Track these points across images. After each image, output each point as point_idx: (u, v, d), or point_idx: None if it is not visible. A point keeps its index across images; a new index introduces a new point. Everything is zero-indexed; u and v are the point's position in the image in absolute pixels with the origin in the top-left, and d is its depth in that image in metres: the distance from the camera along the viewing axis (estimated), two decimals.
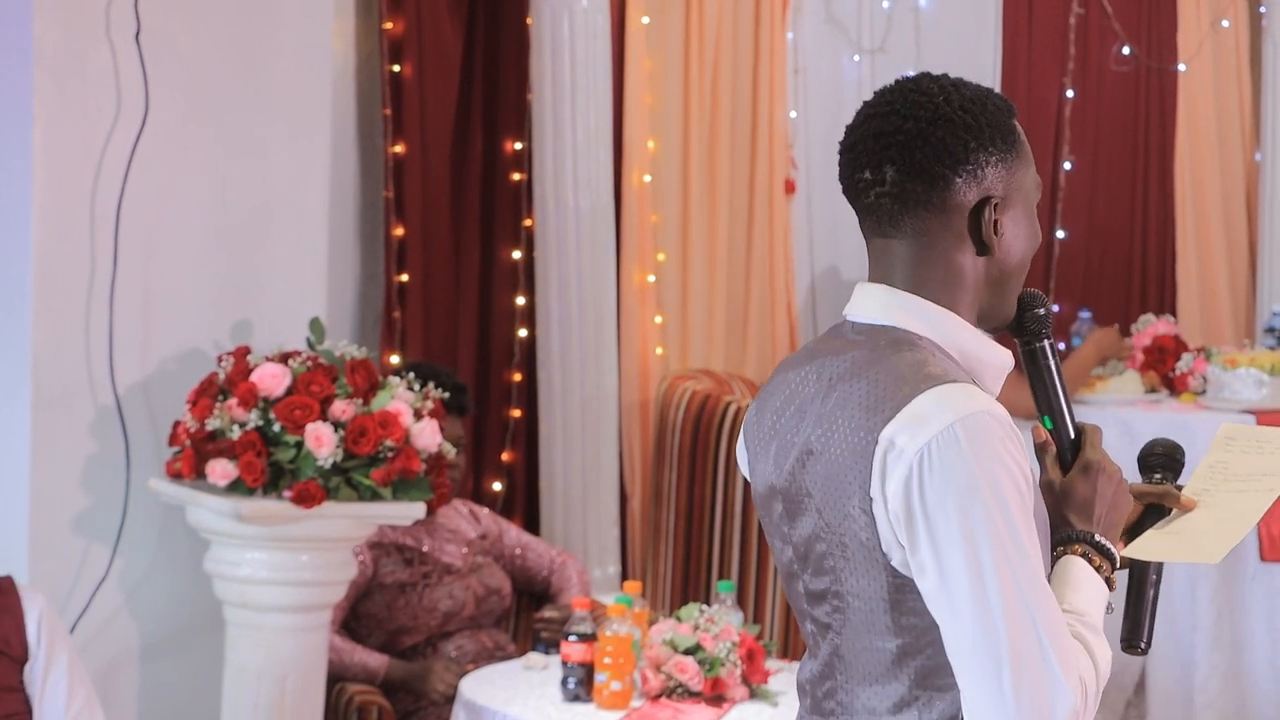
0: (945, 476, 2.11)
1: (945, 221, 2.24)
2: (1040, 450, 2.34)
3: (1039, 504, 2.24)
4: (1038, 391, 2.35)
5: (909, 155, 2.23)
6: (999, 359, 2.29)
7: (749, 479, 2.39)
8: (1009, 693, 2.08)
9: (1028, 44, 7.37)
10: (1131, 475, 2.45)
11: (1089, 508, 2.29)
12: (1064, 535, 2.28)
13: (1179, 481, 2.45)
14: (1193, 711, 5.81)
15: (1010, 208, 2.26)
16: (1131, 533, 2.38)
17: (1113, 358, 6.31)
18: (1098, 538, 2.27)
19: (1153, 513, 2.41)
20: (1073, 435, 2.33)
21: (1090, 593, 2.23)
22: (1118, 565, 2.29)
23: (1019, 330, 2.34)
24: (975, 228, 2.24)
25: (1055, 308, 5.72)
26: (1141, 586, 2.37)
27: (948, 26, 7.26)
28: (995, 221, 2.25)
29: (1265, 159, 7.47)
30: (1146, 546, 2.36)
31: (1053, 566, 2.28)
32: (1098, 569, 2.26)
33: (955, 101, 2.24)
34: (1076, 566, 2.25)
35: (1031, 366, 2.35)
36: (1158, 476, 2.45)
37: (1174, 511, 2.40)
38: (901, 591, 2.17)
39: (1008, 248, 2.27)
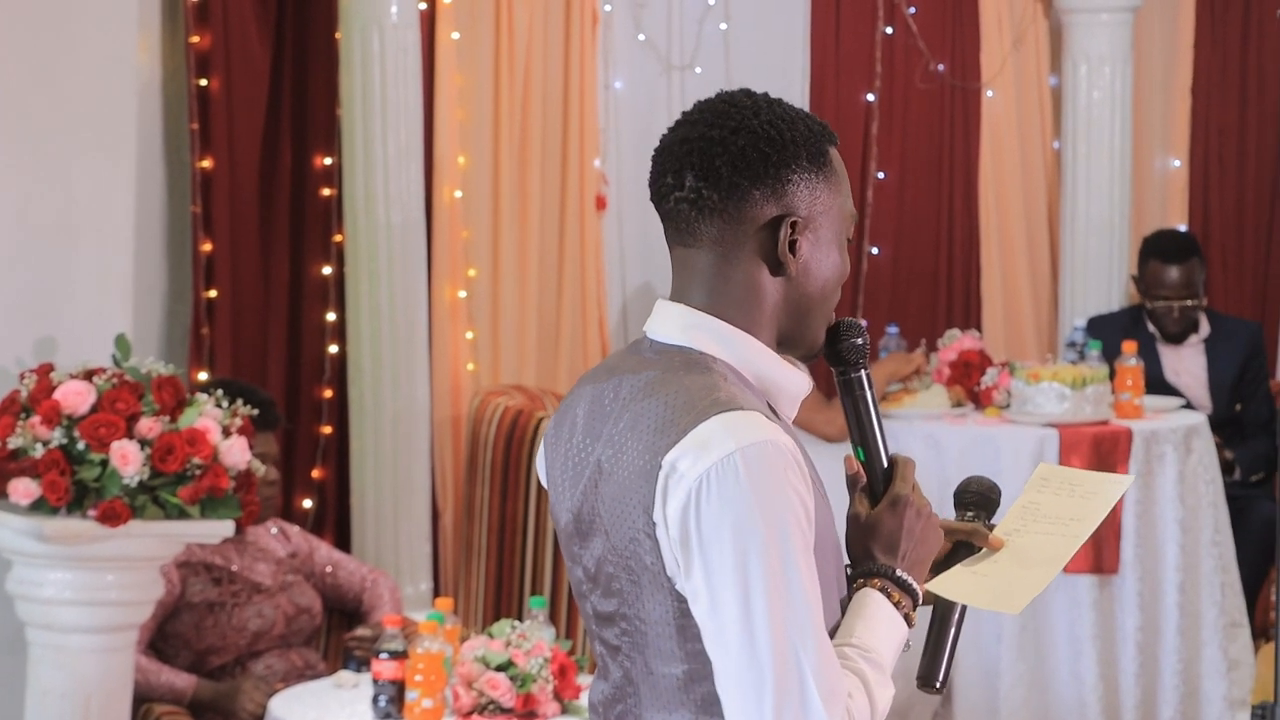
0: (722, 505, 2.09)
1: (740, 234, 2.22)
2: (851, 481, 2.32)
3: (828, 532, 2.22)
4: (851, 422, 2.32)
5: (708, 162, 2.21)
6: (796, 384, 2.27)
7: (548, 490, 2.36)
8: None
9: (835, 62, 7.45)
10: (944, 502, 2.44)
11: (894, 542, 2.27)
12: (865, 569, 2.26)
13: (994, 520, 2.43)
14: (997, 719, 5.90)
15: (813, 231, 2.23)
16: (939, 568, 2.36)
17: (898, 378, 6.40)
18: (899, 573, 2.25)
19: (962, 549, 2.39)
20: (886, 466, 2.31)
21: (882, 628, 2.22)
22: (920, 602, 2.28)
23: (835, 359, 2.31)
24: (770, 245, 2.22)
25: (864, 322, 5.80)
26: (944, 624, 2.34)
27: (757, 44, 7.32)
28: (793, 242, 2.22)
29: (1066, 177, 7.61)
30: (950, 584, 2.34)
31: (850, 598, 2.26)
32: (896, 604, 2.24)
33: (764, 115, 2.22)
34: (872, 600, 2.24)
35: (847, 397, 2.32)
36: (970, 514, 2.42)
37: (983, 550, 2.38)
38: (687, 616, 2.15)
39: (808, 271, 2.24)
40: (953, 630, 2.34)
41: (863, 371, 2.32)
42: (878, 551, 2.27)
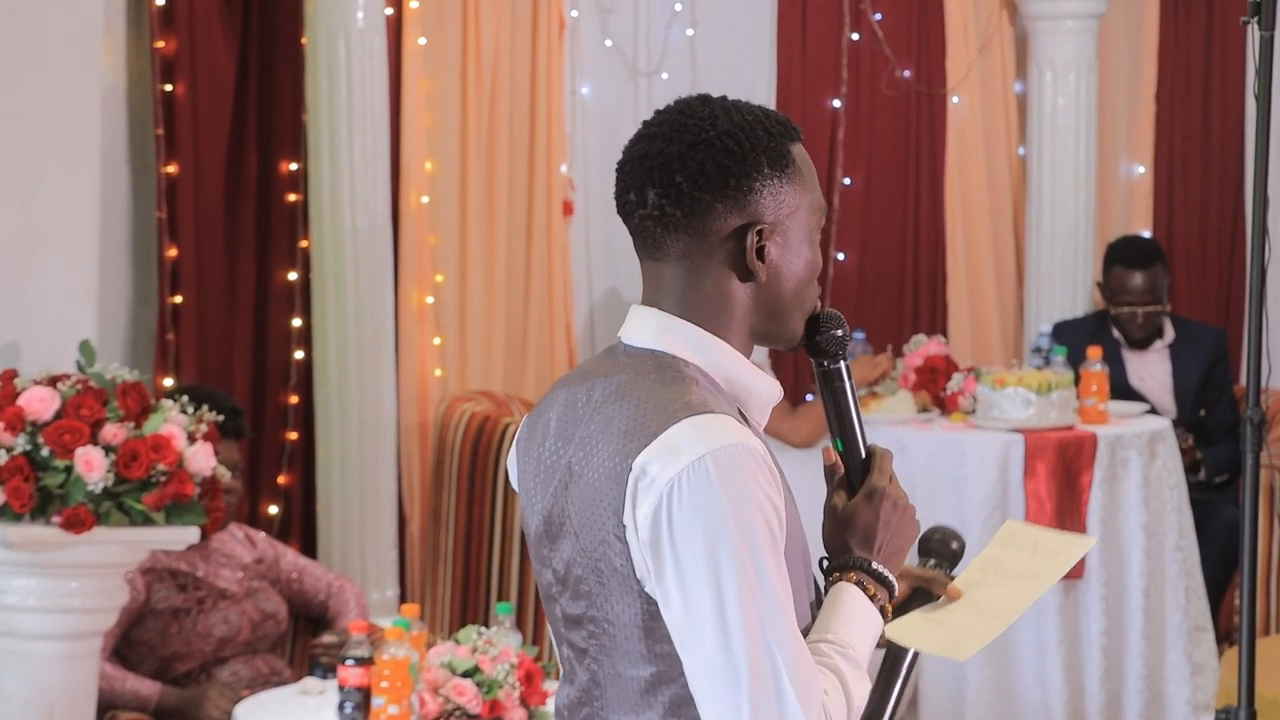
0: (694, 509, 2.10)
1: (708, 247, 2.22)
2: (829, 473, 2.33)
3: (797, 536, 2.23)
4: (830, 413, 2.33)
5: (669, 178, 2.21)
6: (767, 390, 2.28)
7: (519, 493, 2.37)
8: None
9: (801, 68, 7.46)
10: (912, 495, 2.45)
11: (870, 535, 2.28)
12: (841, 561, 2.28)
13: (956, 570, 2.44)
14: None
15: (781, 234, 2.24)
16: (896, 613, 2.37)
17: (865, 383, 6.41)
18: (875, 565, 2.27)
19: (920, 596, 2.40)
20: (863, 458, 2.32)
21: (859, 623, 2.24)
22: (895, 593, 2.29)
23: (815, 351, 2.32)
24: (738, 254, 2.23)
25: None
26: (894, 668, 2.36)
27: (723, 50, 7.33)
28: (762, 248, 2.23)
29: (1031, 183, 7.63)
30: (905, 630, 2.35)
31: (826, 592, 2.28)
32: (872, 597, 2.26)
33: (721, 126, 2.22)
34: (848, 594, 2.25)
35: (826, 388, 2.33)
36: (932, 562, 2.43)
37: (941, 598, 2.39)
38: (655, 619, 2.16)
39: (779, 274, 2.25)
40: (902, 675, 2.36)
41: (842, 363, 2.32)
42: (854, 544, 2.28)
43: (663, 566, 2.12)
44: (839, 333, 2.31)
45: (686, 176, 2.21)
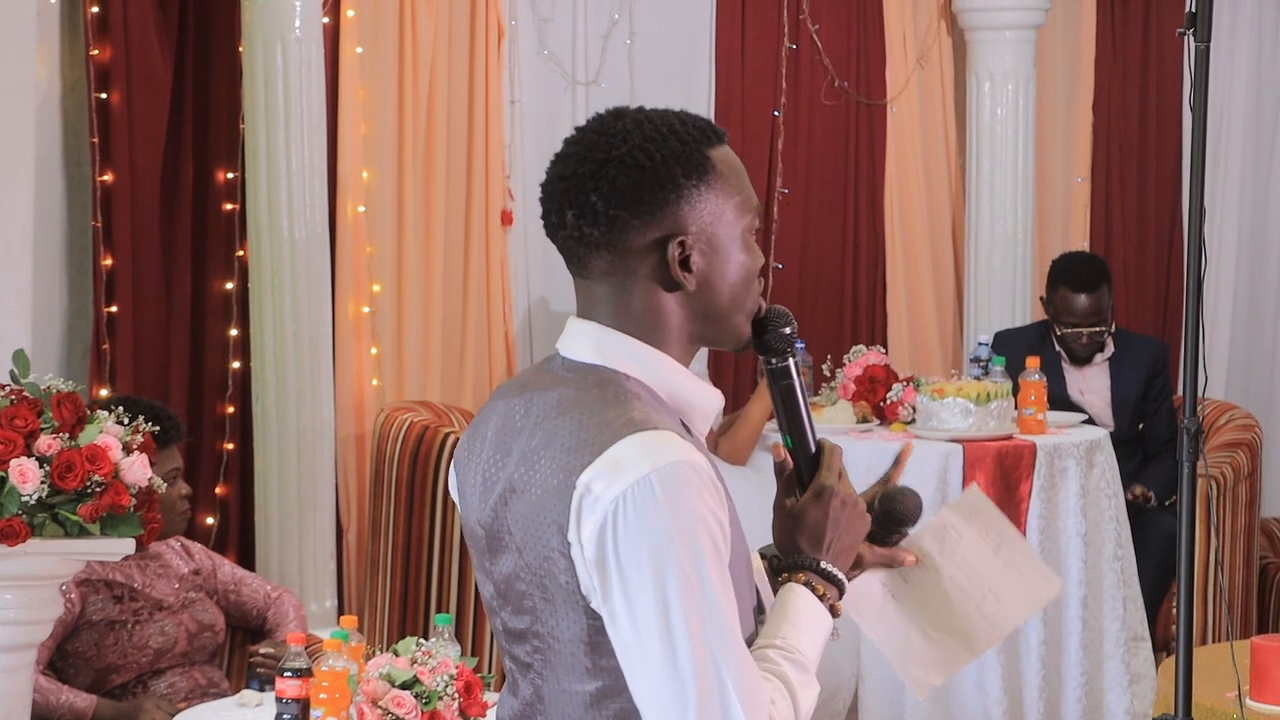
0: (639, 527, 2.10)
1: (630, 263, 2.22)
2: (779, 469, 2.34)
3: (740, 546, 2.23)
4: (779, 410, 2.34)
5: (583, 198, 2.21)
6: (709, 400, 2.28)
7: (459, 505, 2.37)
8: None
9: (740, 78, 7.47)
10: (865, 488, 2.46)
11: (819, 533, 2.29)
12: (790, 562, 2.29)
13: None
14: None
15: (706, 241, 2.23)
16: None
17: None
18: (824, 565, 2.28)
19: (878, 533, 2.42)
20: (813, 454, 2.33)
21: (807, 626, 2.24)
22: (845, 590, 2.30)
23: (763, 349, 2.32)
24: (662, 266, 2.22)
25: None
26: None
27: (661, 60, 7.33)
28: (686, 258, 2.22)
29: (970, 194, 7.65)
30: (886, 629, 2.38)
31: (776, 591, 2.28)
32: (821, 597, 2.26)
33: (632, 140, 2.21)
34: (796, 596, 2.26)
35: (774, 385, 2.34)
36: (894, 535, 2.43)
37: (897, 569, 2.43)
38: (601, 634, 2.16)
39: (709, 282, 2.24)
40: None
41: (790, 360, 2.33)
42: (803, 543, 2.29)
43: (609, 584, 2.12)
44: (787, 330, 2.31)
45: (600, 195, 2.21)
